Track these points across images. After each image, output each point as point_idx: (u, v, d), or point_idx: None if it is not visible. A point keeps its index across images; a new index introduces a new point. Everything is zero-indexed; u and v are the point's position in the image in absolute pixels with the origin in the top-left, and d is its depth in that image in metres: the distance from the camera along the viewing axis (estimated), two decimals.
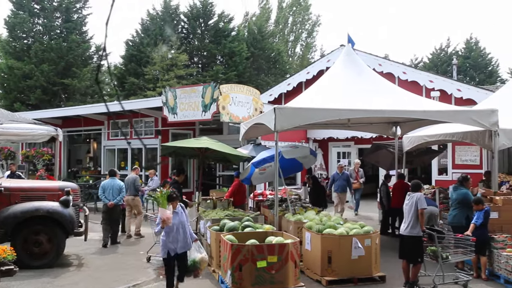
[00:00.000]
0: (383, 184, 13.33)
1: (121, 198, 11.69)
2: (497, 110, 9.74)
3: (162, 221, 6.73)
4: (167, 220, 6.70)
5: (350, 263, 7.91)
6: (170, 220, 6.73)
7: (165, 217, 6.71)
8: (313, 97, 10.56)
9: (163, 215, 6.72)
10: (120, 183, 11.73)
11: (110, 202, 11.36)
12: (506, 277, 7.92)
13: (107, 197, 11.43)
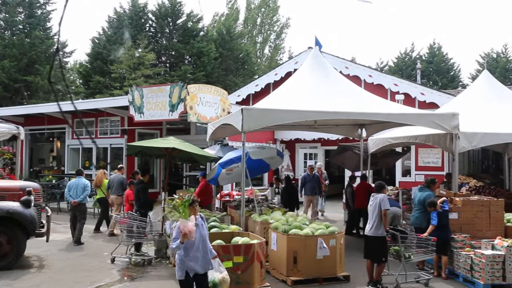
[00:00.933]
0: (349, 185, 13.54)
1: (85, 197, 11.70)
2: (458, 114, 10.04)
3: (183, 235, 5.57)
4: (189, 235, 5.58)
5: (316, 263, 7.99)
6: (193, 234, 5.64)
7: (187, 231, 5.57)
8: (281, 99, 10.62)
9: (185, 228, 5.59)
10: (86, 182, 11.76)
11: (74, 200, 11.49)
12: (464, 276, 8.17)
13: (72, 196, 11.58)
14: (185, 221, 5.68)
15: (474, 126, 10.61)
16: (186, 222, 5.68)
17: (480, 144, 11.01)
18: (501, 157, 16.10)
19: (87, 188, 11.65)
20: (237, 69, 41.08)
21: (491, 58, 43.14)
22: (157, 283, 8.24)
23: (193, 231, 5.64)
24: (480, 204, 9.41)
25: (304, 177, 14.87)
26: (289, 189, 13.55)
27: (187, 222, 5.67)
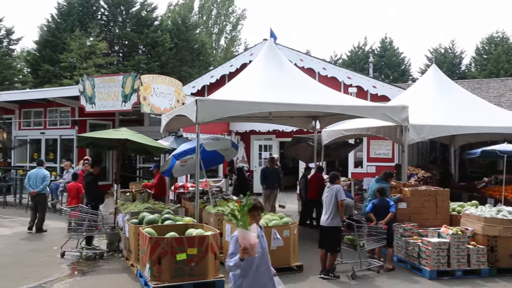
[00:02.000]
0: (303, 176, 13.70)
1: (44, 187, 12.00)
2: (407, 107, 10.34)
3: (243, 250, 4.34)
4: (251, 249, 4.34)
5: (270, 253, 8.00)
6: (255, 249, 4.40)
7: (249, 245, 4.34)
8: (236, 90, 10.60)
9: (246, 240, 4.34)
10: (45, 172, 12.11)
11: (33, 190, 11.81)
12: (412, 263, 8.46)
13: (32, 186, 11.90)
14: (246, 232, 4.40)
15: (423, 118, 10.96)
16: (247, 233, 4.39)
17: (428, 136, 11.38)
18: (447, 149, 16.71)
19: (46, 178, 11.97)
20: (193, 60, 40.65)
21: (439, 53, 44.61)
22: (109, 277, 8.08)
23: (256, 245, 4.40)
24: (427, 194, 9.75)
25: (264, 170, 14.06)
26: (242, 180, 13.59)
27: (248, 234, 4.39)
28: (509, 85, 25.75)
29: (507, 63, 38.56)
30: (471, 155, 12.42)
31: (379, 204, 8.78)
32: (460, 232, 8.25)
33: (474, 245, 8.23)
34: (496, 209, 8.74)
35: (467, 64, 44.63)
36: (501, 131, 12.10)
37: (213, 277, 7.15)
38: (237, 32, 50.39)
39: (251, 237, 4.34)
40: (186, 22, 40.83)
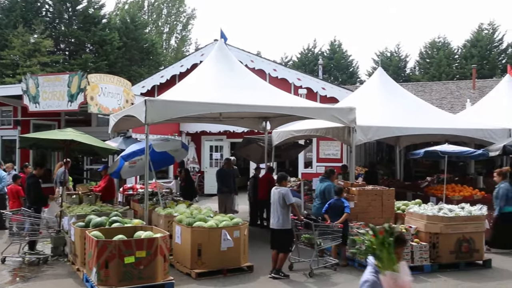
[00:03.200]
0: (253, 176, 13.72)
1: (2, 187, 12.06)
2: (355, 108, 10.60)
3: None
4: None
5: (220, 254, 8.05)
6: None
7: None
8: (186, 91, 10.53)
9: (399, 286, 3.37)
10: (2, 173, 12.27)
11: None
12: (360, 261, 8.67)
13: None
14: (398, 276, 3.36)
15: (369, 120, 11.26)
16: (400, 276, 3.37)
17: (374, 137, 11.71)
18: (393, 150, 17.24)
19: (3, 179, 12.12)
20: (142, 59, 39.95)
21: (386, 56, 46.02)
22: (53, 283, 7.82)
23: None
24: (374, 194, 10.03)
25: (220, 172, 13.15)
26: (188, 182, 13.46)
27: (401, 277, 3.37)
28: (450, 88, 26.91)
29: (448, 67, 40.27)
30: (415, 155, 12.85)
31: (335, 204, 8.96)
32: (404, 230, 8.53)
33: (418, 242, 8.54)
34: (438, 207, 9.10)
35: (411, 68, 46.28)
36: (442, 132, 12.63)
37: (162, 280, 7.07)
38: (187, 32, 49.97)
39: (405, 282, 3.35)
40: (136, 21, 40.06)
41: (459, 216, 8.67)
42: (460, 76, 38.04)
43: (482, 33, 41.11)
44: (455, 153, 11.55)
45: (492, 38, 41.04)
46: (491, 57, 39.92)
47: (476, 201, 10.76)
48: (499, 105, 14.39)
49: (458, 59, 41.79)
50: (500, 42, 41.11)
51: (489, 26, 41.66)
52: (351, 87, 26.07)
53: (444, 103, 24.41)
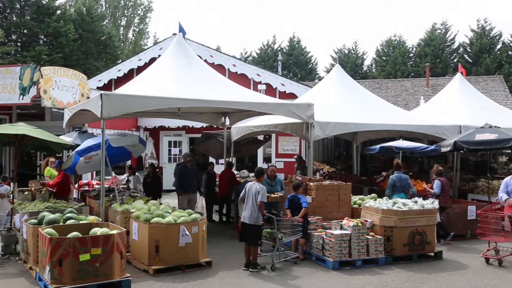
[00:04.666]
0: (206, 173, 13.36)
1: None
2: (313, 104, 10.74)
3: None
4: None
5: (178, 250, 7.99)
6: None
7: None
8: (144, 85, 10.37)
9: None
10: None
11: None
12: (317, 255, 8.81)
13: None
14: None
15: (327, 116, 11.44)
16: None
17: (332, 132, 11.89)
18: (350, 145, 17.56)
19: None
20: (99, 52, 39.00)
21: (343, 53, 46.78)
22: (4, 282, 7.55)
23: None
24: (331, 188, 10.21)
25: (182, 170, 12.07)
26: (154, 178, 13.28)
27: None
28: (405, 85, 27.64)
29: (403, 65, 41.36)
30: (371, 151, 13.17)
31: (293, 200, 9.09)
32: (360, 223, 8.72)
33: (373, 236, 8.75)
34: (392, 202, 9.35)
35: (368, 65, 47.22)
36: (397, 128, 12.96)
37: (119, 277, 6.95)
38: (145, 25, 49.09)
39: None
40: (92, 13, 39.04)
41: (412, 210, 8.94)
42: (414, 74, 39.14)
43: (435, 33, 42.42)
44: (409, 148, 11.90)
45: (445, 37, 42.42)
46: (444, 56, 41.27)
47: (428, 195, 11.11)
48: (451, 103, 14.90)
49: (413, 58, 42.99)
50: (452, 42, 42.56)
51: (442, 26, 43.07)
52: (310, 83, 26.38)
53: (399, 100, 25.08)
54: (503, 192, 9.32)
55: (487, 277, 7.94)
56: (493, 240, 8.78)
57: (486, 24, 41.02)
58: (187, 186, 11.97)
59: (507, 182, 9.36)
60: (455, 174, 13.33)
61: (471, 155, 17.97)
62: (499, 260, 8.68)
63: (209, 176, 13.25)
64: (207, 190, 13.10)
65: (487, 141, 11.41)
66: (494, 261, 8.76)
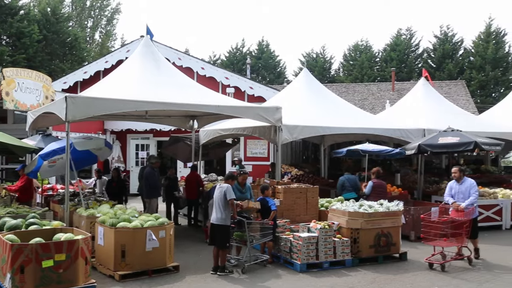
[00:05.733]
0: (167, 177, 13.22)
1: None
2: (281, 108, 10.81)
3: None
4: None
5: (145, 255, 7.90)
6: None
7: None
8: (110, 87, 10.23)
9: None
10: None
11: None
12: (285, 258, 8.85)
13: None
14: None
15: (295, 119, 11.55)
16: None
17: (300, 136, 12.01)
18: (318, 148, 17.74)
19: None
20: (64, 54, 38.19)
21: (311, 57, 47.24)
22: None
23: None
24: (298, 191, 10.28)
25: (150, 173, 11.76)
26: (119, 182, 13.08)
27: None
28: (372, 90, 28.14)
29: (370, 69, 42.06)
30: (338, 154, 13.31)
31: (261, 203, 9.10)
32: (327, 226, 8.81)
33: (340, 238, 8.85)
34: (359, 204, 9.48)
35: (336, 69, 47.80)
36: (364, 131, 13.19)
37: (83, 283, 6.81)
38: (112, 26, 48.38)
39: None
40: (57, 13, 38.22)
41: (378, 212, 9.08)
42: (380, 79, 39.83)
43: (400, 38, 43.32)
44: (375, 151, 12.10)
45: (410, 43, 43.38)
46: (409, 61, 42.18)
47: (394, 197, 11.31)
48: (415, 107, 15.25)
49: (379, 62, 43.76)
50: (417, 47, 43.56)
51: (407, 32, 44.02)
52: (279, 86, 26.52)
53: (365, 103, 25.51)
54: (448, 196, 9.33)
55: (449, 277, 8.14)
56: (436, 244, 8.69)
57: (448, 30, 42.19)
58: (158, 189, 12.03)
59: (451, 185, 9.36)
60: (419, 177, 13.64)
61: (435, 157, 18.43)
62: (442, 265, 8.52)
63: (169, 181, 13.05)
64: (168, 195, 12.93)
65: (449, 144, 11.73)
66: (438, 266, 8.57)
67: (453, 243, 8.73)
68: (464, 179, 9.23)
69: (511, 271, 8.58)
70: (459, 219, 8.73)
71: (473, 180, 9.32)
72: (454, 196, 9.23)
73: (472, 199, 8.97)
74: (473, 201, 8.98)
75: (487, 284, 7.76)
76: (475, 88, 38.14)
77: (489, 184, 14.56)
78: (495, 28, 40.61)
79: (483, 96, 38.50)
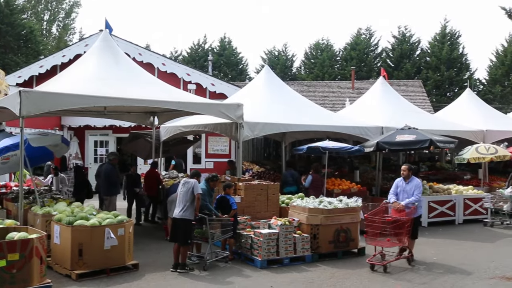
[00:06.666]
0: (128, 174, 12.99)
1: None
2: (242, 105, 10.82)
3: None
4: None
5: (103, 253, 7.75)
6: None
7: None
8: (68, 82, 9.96)
9: None
10: None
11: None
12: (246, 254, 8.87)
13: None
14: None
15: (256, 116, 11.57)
16: None
17: (261, 133, 12.04)
18: (280, 145, 17.85)
19: None
20: (19, 47, 36.93)
21: (273, 55, 47.46)
22: None
23: None
24: (259, 188, 10.34)
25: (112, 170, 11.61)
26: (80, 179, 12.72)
27: None
28: (332, 88, 28.56)
29: (331, 67, 42.66)
30: (299, 151, 13.43)
31: (222, 200, 9.12)
32: (288, 222, 8.89)
33: (300, 234, 8.94)
34: (318, 200, 9.60)
35: (297, 67, 48.21)
36: (324, 129, 13.36)
37: (38, 283, 6.63)
38: (70, 20, 47.09)
39: None
40: (11, 5, 36.89)
41: (337, 208, 9.23)
42: (341, 77, 40.48)
43: (360, 37, 44.11)
44: (334, 149, 12.28)
45: (369, 42, 44.25)
46: (368, 60, 43.04)
47: (353, 193, 11.55)
48: (374, 105, 15.56)
49: (340, 61, 44.44)
50: (376, 47, 44.50)
51: (367, 32, 44.88)
52: (241, 84, 26.55)
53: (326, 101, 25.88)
54: (393, 193, 9.04)
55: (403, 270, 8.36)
56: (379, 245, 8.48)
57: (406, 31, 43.27)
58: (117, 186, 11.76)
59: (398, 183, 9.13)
60: (378, 174, 13.93)
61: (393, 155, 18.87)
62: (384, 266, 8.25)
63: (131, 179, 12.76)
64: (130, 193, 12.67)
65: (406, 141, 12.05)
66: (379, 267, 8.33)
67: (396, 243, 8.48)
68: (412, 179, 8.97)
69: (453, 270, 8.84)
70: (401, 218, 8.46)
71: (420, 181, 9.16)
72: (399, 194, 8.98)
73: (413, 199, 8.70)
74: (414, 201, 8.69)
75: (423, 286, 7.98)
76: (431, 88, 39.35)
77: (443, 181, 15.06)
78: (450, 29, 41.98)
79: (439, 95, 39.75)
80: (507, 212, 12.69)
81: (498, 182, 15.80)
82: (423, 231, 11.91)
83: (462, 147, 14.81)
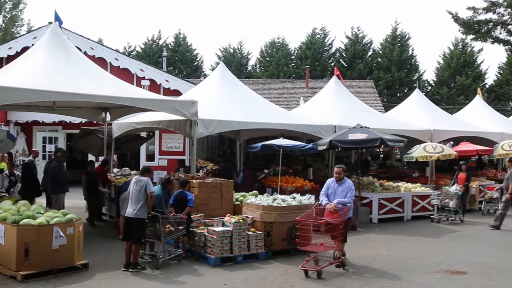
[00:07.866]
0: (87, 172, 12.57)
1: None
2: (196, 102, 10.74)
3: None
4: None
5: (51, 253, 7.50)
6: None
7: None
8: (14, 75, 9.57)
9: None
10: None
11: None
12: (199, 252, 8.82)
13: None
14: None
15: (211, 113, 11.51)
16: None
17: (215, 130, 12.00)
18: (234, 143, 17.85)
19: None
20: None
21: (229, 53, 47.39)
22: None
23: None
24: (213, 186, 10.29)
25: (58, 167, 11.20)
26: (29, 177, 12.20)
27: None
28: (287, 86, 28.82)
29: (286, 66, 43.05)
30: (253, 148, 13.48)
31: (180, 196, 9.01)
32: (241, 220, 8.90)
33: (254, 231, 8.97)
34: (272, 198, 9.67)
35: (252, 65, 48.38)
36: (278, 127, 13.46)
37: None
38: (19, 11, 45.24)
39: None
40: None
41: (290, 206, 9.31)
42: (296, 76, 40.93)
43: (315, 37, 44.74)
44: (288, 146, 12.39)
45: (324, 42, 44.96)
46: (322, 59, 43.74)
47: (306, 191, 11.70)
48: (327, 104, 15.83)
49: (295, 60, 44.92)
50: (330, 47, 45.28)
51: (321, 31, 45.56)
52: (195, 80, 26.34)
53: (281, 100, 26.09)
54: (324, 195, 8.61)
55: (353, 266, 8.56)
56: (313, 249, 8.05)
57: (359, 32, 44.25)
58: (65, 184, 11.16)
59: (329, 184, 8.73)
60: (330, 171, 14.16)
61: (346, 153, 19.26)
62: (318, 272, 7.75)
63: (90, 177, 12.31)
64: (90, 192, 12.24)
65: (358, 140, 12.31)
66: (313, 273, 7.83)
67: (330, 247, 8.02)
68: (344, 180, 8.57)
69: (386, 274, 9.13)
70: (334, 221, 8.02)
71: (352, 183, 8.74)
72: (330, 196, 8.52)
73: (346, 200, 8.31)
74: (347, 202, 8.31)
75: None
76: (382, 88, 40.46)
77: (393, 178, 15.53)
78: (400, 31, 43.26)
79: (389, 96, 40.92)
80: (452, 208, 13.22)
81: (444, 179, 16.42)
82: (373, 227, 12.28)
83: (411, 146, 15.29)
